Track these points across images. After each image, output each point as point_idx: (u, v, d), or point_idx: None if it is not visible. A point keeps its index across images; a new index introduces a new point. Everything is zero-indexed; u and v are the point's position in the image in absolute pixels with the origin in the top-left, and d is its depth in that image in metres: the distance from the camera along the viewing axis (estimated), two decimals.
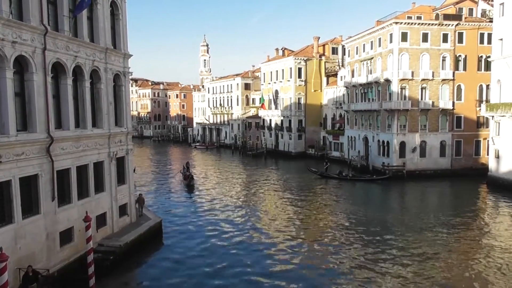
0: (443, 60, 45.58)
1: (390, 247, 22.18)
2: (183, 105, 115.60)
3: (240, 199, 34.47)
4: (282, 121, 68.97)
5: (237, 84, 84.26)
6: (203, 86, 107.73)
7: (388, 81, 46.10)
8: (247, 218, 28.25)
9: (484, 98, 46.40)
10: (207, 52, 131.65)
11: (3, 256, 13.13)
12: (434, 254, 21.12)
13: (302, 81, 65.68)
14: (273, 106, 71.20)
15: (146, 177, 47.51)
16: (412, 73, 44.93)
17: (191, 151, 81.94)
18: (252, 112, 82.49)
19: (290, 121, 67.00)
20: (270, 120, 72.30)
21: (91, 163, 20.01)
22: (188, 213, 30.20)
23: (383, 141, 47.38)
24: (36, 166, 16.39)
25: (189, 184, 40.27)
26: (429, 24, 44.77)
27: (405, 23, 44.38)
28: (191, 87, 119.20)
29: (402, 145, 45.43)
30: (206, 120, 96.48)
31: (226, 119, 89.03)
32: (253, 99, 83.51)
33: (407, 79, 44.94)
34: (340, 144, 59.63)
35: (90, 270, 16.89)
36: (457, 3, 49.01)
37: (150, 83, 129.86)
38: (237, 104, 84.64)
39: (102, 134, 20.87)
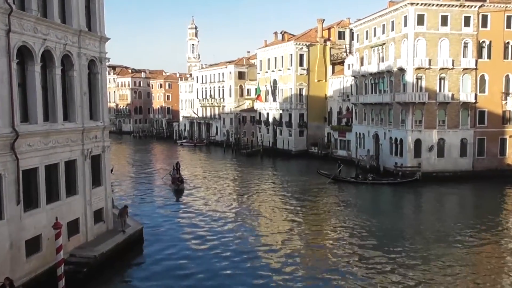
0: (465, 46, 45.83)
1: (405, 259, 22.40)
2: (168, 96, 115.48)
3: (232, 206, 34.48)
4: (281, 115, 69.10)
5: (230, 72, 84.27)
6: (190, 75, 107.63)
7: (402, 70, 46.30)
8: (240, 229, 28.19)
9: (511, 90, 46.75)
10: (196, 36, 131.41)
11: None
12: (459, 268, 21.24)
13: (304, 69, 65.80)
14: (270, 98, 71.32)
15: (125, 178, 47.51)
16: (429, 61, 45.15)
17: (177, 149, 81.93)
18: (246, 104, 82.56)
19: (290, 115, 67.16)
20: (268, 114, 72.43)
21: (62, 162, 20.01)
22: (172, 220, 30.28)
23: (395, 139, 47.61)
24: None
25: (177, 189, 40.21)
26: (449, 5, 44.97)
27: (421, 4, 44.57)
28: (177, 75, 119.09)
29: (418, 143, 45.67)
30: (194, 113, 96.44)
31: (217, 112, 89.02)
32: (248, 89, 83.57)
33: (423, 68, 45.14)
34: (347, 141, 59.84)
35: (61, 284, 16.93)
36: None
37: (130, 71, 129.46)
38: (230, 96, 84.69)
39: (75, 128, 20.87)
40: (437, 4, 44.82)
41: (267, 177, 48.85)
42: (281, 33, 73.26)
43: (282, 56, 68.31)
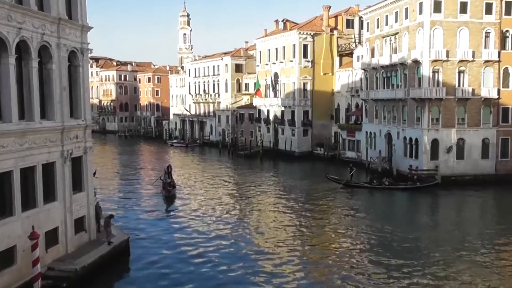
0: (486, 36, 45.81)
1: (423, 274, 22.34)
2: (157, 92, 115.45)
3: (229, 214, 34.38)
4: (282, 112, 69.09)
5: (226, 65, 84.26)
6: (182, 68, 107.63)
7: (416, 63, 46.26)
8: (238, 240, 28.09)
9: None
10: (188, 25, 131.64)
11: None
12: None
13: (308, 61, 65.77)
14: (271, 93, 71.30)
15: (109, 183, 47.44)
16: (447, 52, 45.11)
17: (167, 150, 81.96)
18: (244, 100, 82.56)
19: (293, 112, 67.15)
20: (268, 111, 72.42)
21: (39, 164, 19.93)
22: (162, 230, 30.19)
23: (410, 139, 47.59)
24: None
25: (168, 195, 40.11)
26: None
27: None
28: (167, 68, 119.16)
29: (435, 143, 45.65)
30: (187, 110, 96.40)
31: (211, 109, 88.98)
32: (246, 84, 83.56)
33: (440, 60, 45.11)
34: (356, 142, 59.81)
35: None
36: None
37: (115, 64, 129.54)
38: (226, 91, 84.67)
39: (54, 128, 20.79)
40: None
41: (267, 181, 48.79)
42: (282, 21, 73.23)
43: (284, 47, 68.27)
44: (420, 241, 27.68)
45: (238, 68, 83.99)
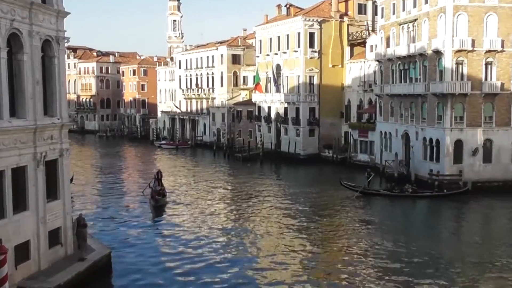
0: None
1: None
2: (142, 86, 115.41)
3: (225, 226, 34.34)
4: (285, 109, 69.13)
5: (222, 55, 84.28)
6: (171, 59, 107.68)
7: (438, 53, 46.29)
8: (234, 257, 28.03)
9: None
10: (178, 10, 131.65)
11: None
12: None
13: (315, 52, 65.81)
14: (273, 88, 71.33)
15: (89, 190, 47.37)
16: (473, 41, 45.11)
17: (155, 153, 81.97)
18: (242, 96, 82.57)
19: (297, 109, 67.19)
20: (269, 108, 72.45)
21: (8, 169, 19.93)
22: (149, 243, 30.21)
23: (430, 140, 47.61)
24: None
25: (156, 205, 40.02)
26: None
27: None
28: (155, 59, 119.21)
29: (458, 145, 45.65)
30: (176, 107, 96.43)
31: (205, 106, 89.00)
32: (244, 77, 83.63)
33: (465, 50, 45.10)
34: (370, 143, 59.84)
35: None
36: None
37: (95, 54, 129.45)
38: (221, 85, 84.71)
39: (25, 127, 20.77)
40: None
41: (268, 189, 48.71)
42: (286, 6, 73.39)
43: (288, 35, 68.28)
44: (446, 256, 27.67)
45: (235, 59, 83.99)
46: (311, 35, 65.79)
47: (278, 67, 70.51)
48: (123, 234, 32.37)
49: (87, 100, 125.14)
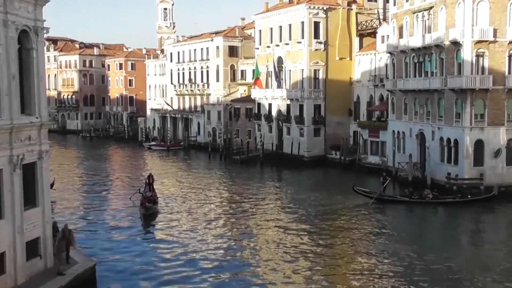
0: None
1: None
2: (130, 81, 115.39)
3: (221, 236, 34.36)
4: (288, 106, 69.14)
5: (217, 47, 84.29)
6: (162, 51, 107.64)
7: (456, 45, 46.26)
8: (233, 270, 28.00)
9: None
10: None
11: None
12: None
13: (320, 43, 65.80)
14: (274, 83, 71.31)
15: (72, 196, 47.28)
16: (495, 31, 45.06)
17: (143, 154, 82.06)
18: (240, 92, 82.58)
19: (301, 106, 67.20)
20: (270, 105, 72.47)
21: None
22: (138, 255, 30.19)
23: (448, 140, 47.58)
24: None
25: (146, 213, 39.80)
26: None
27: None
28: (144, 52, 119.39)
29: (479, 145, 45.63)
30: (168, 104, 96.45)
31: (199, 103, 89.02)
32: (242, 71, 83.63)
33: (486, 41, 45.06)
34: (381, 143, 59.78)
35: None
36: None
37: (77, 46, 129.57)
38: (217, 80, 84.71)
39: (0, 127, 20.65)
40: None
41: (269, 194, 48.77)
42: None
43: (290, 25, 68.27)
44: (468, 268, 27.63)
45: (233, 52, 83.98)
46: (316, 24, 65.74)
47: (280, 60, 70.46)
48: (109, 244, 32.35)
49: (69, 97, 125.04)
